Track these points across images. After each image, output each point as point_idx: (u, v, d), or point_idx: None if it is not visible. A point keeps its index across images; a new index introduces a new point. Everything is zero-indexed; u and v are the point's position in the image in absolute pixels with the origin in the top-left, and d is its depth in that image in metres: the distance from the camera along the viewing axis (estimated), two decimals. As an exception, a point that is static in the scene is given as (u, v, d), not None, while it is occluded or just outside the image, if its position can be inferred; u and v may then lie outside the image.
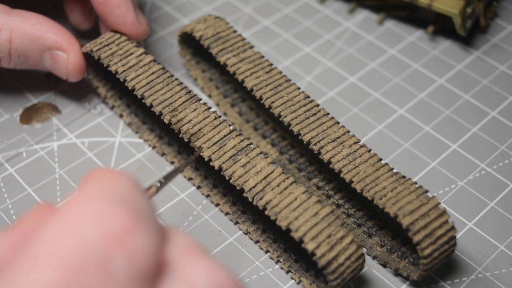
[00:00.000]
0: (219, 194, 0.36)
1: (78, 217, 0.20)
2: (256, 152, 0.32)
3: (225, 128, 0.33)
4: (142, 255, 0.20)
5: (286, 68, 0.45)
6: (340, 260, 0.29)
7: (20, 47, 0.37)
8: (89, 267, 0.19)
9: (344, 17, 0.49)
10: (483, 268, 0.34)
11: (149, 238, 0.20)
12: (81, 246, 0.19)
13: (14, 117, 0.41)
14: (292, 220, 0.30)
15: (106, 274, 0.19)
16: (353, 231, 0.35)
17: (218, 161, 0.32)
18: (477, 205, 0.37)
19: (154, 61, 0.37)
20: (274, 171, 0.32)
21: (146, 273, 0.20)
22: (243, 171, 0.32)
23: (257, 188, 0.31)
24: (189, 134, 0.33)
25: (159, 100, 0.35)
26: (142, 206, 0.21)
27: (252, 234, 0.35)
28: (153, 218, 0.21)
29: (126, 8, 0.38)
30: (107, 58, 0.37)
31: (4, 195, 0.36)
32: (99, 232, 0.19)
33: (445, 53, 0.46)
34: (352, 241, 0.29)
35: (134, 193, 0.22)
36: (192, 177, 0.37)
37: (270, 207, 0.30)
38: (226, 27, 0.39)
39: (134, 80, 0.36)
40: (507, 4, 0.50)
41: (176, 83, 0.36)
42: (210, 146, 0.33)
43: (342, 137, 0.34)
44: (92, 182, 0.21)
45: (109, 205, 0.20)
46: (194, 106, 0.34)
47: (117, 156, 0.39)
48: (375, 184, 0.32)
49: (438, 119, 0.41)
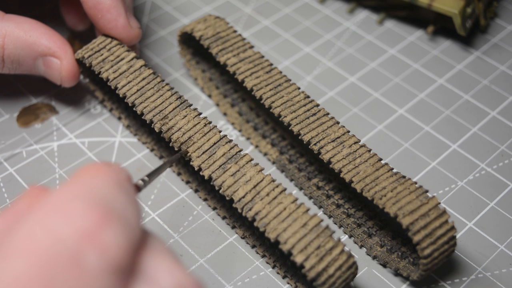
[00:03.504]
0: (216, 198, 0.36)
1: (52, 213, 0.21)
2: (246, 160, 0.32)
3: (215, 135, 0.33)
4: (114, 250, 0.21)
5: (286, 68, 0.45)
6: (330, 271, 0.29)
7: (13, 54, 0.37)
8: (60, 262, 0.20)
9: (344, 17, 0.49)
10: (483, 268, 0.34)
11: (122, 234, 0.21)
12: (53, 241, 0.20)
13: (14, 117, 0.41)
14: (281, 232, 0.29)
15: (77, 268, 0.20)
16: (353, 230, 0.35)
17: (208, 171, 0.32)
18: (477, 205, 0.37)
19: (145, 66, 0.36)
20: (264, 180, 0.31)
21: (118, 267, 0.21)
22: (232, 180, 0.31)
23: (246, 198, 0.31)
24: (179, 142, 0.33)
25: (149, 107, 0.34)
26: (118, 203, 0.22)
27: (249, 238, 0.34)
28: (130, 215, 0.22)
29: (117, 12, 0.37)
30: (98, 65, 0.37)
31: (4, 195, 0.36)
32: (70, 227, 0.20)
33: (445, 53, 0.46)
34: (342, 251, 0.29)
35: (112, 190, 0.22)
36: (189, 180, 0.37)
37: (259, 218, 0.30)
38: (226, 27, 0.39)
39: (125, 88, 0.35)
40: (507, 4, 0.50)
41: (166, 88, 0.35)
42: (200, 155, 0.33)
43: (342, 137, 0.34)
44: (75, 179, 0.23)
45: (81, 202, 0.21)
46: (184, 113, 0.34)
47: (117, 156, 0.39)
48: (375, 184, 0.32)
49: (438, 119, 0.41)
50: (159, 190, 0.37)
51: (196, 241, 0.35)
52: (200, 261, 0.34)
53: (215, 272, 0.34)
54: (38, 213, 0.21)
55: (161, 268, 0.22)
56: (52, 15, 0.45)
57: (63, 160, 0.38)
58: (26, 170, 0.38)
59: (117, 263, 0.20)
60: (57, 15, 0.45)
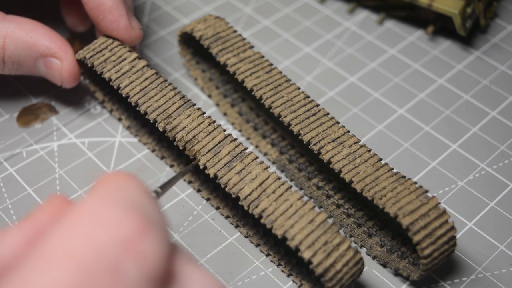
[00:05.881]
0: (219, 197, 0.36)
1: (87, 221, 0.20)
2: (251, 158, 0.32)
3: (219, 134, 0.33)
4: (152, 259, 0.20)
5: (286, 68, 0.45)
6: (337, 267, 0.29)
7: (14, 54, 0.37)
8: (100, 270, 0.19)
9: (344, 17, 0.49)
10: (483, 268, 0.34)
11: (159, 243, 0.21)
12: (92, 250, 0.19)
13: (14, 117, 0.41)
14: (288, 228, 0.29)
15: (116, 278, 0.19)
16: (353, 230, 0.35)
17: (213, 169, 0.32)
18: (477, 205, 0.37)
19: (147, 66, 0.36)
20: (270, 177, 0.31)
21: (155, 277, 0.20)
22: (238, 178, 0.32)
23: (252, 195, 0.31)
24: (184, 141, 0.33)
25: (153, 107, 0.34)
26: (151, 211, 0.22)
27: (253, 237, 0.34)
28: (162, 223, 0.22)
29: (118, 13, 0.37)
30: (100, 65, 0.37)
31: (4, 195, 0.36)
32: (109, 236, 0.20)
33: (445, 53, 0.46)
34: (349, 247, 0.29)
35: (144, 198, 0.22)
36: (192, 180, 0.37)
37: (265, 215, 0.30)
38: (226, 27, 0.39)
39: (127, 87, 0.35)
40: (507, 4, 0.50)
41: (169, 88, 0.35)
42: (205, 154, 0.33)
43: (342, 137, 0.34)
44: (103, 186, 0.22)
45: (118, 210, 0.21)
46: (188, 112, 0.34)
47: (117, 156, 0.39)
48: (375, 184, 0.32)
49: (438, 119, 0.41)
50: (159, 190, 0.37)
51: (196, 241, 0.35)
52: (200, 261, 0.34)
53: (215, 272, 0.34)
54: (70, 220, 0.20)
55: (192, 276, 0.22)
56: (52, 16, 0.45)
57: (63, 160, 0.38)
58: (26, 170, 0.38)
59: (155, 272, 0.20)
60: (57, 16, 0.45)
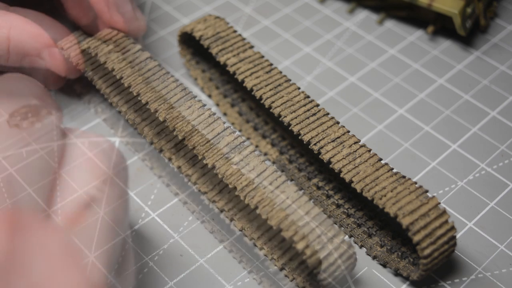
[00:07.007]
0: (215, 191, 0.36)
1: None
2: (250, 150, 0.33)
3: (219, 126, 0.34)
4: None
5: (286, 68, 0.45)
6: (330, 260, 0.29)
7: (19, 45, 0.37)
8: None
9: (344, 17, 0.49)
10: (483, 268, 0.34)
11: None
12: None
13: (14, 117, 0.41)
14: (283, 219, 0.30)
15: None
16: (353, 230, 0.35)
17: (211, 159, 0.33)
18: (477, 205, 0.37)
19: (150, 58, 0.37)
20: (267, 169, 0.32)
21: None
22: (235, 169, 0.32)
23: (249, 186, 0.31)
24: (183, 131, 0.34)
25: (154, 97, 0.35)
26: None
27: (247, 231, 0.35)
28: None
29: (123, 3, 0.38)
30: (103, 56, 0.37)
31: (4, 195, 0.36)
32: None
33: (445, 53, 0.46)
34: (343, 240, 0.30)
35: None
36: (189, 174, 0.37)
37: (261, 206, 0.31)
38: (226, 27, 0.39)
39: (130, 77, 0.36)
40: (507, 4, 0.50)
41: (171, 80, 0.36)
42: (204, 144, 0.33)
43: (342, 137, 0.34)
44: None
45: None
46: (189, 104, 0.35)
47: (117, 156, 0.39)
48: (375, 184, 0.32)
49: (438, 119, 0.41)
50: (159, 190, 0.37)
51: (196, 241, 0.35)
52: (200, 261, 0.34)
53: (215, 272, 0.34)
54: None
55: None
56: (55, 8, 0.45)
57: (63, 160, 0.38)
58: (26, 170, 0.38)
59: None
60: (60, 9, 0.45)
